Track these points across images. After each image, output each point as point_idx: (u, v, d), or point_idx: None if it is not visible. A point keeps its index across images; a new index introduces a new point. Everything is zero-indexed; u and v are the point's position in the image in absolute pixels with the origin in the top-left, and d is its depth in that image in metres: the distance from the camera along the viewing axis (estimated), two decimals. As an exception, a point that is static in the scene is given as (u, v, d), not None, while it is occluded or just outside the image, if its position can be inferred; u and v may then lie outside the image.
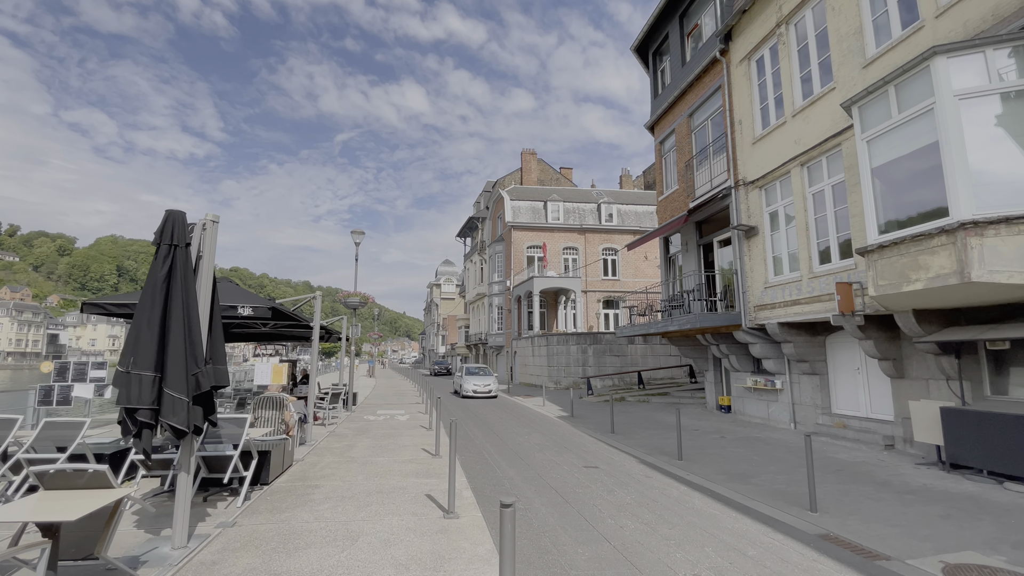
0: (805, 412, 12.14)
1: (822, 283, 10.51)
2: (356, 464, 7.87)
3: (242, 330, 12.01)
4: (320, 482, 6.77)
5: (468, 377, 21.88)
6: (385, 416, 14.03)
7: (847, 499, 6.83)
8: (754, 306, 12.58)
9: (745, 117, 13.12)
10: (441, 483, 6.78)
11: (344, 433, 10.96)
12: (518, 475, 7.87)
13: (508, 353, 34.78)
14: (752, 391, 13.98)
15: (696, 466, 8.74)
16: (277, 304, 7.95)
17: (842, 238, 10.27)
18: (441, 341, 69.16)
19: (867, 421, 10.66)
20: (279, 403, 7.47)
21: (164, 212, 4.64)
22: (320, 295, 9.74)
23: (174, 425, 4.25)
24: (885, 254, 7.98)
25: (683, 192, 15.90)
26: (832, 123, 10.36)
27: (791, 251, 11.64)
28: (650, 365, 24.53)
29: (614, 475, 8.07)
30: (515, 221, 34.66)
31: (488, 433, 12.26)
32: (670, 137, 17.08)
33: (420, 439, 10.31)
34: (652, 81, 18.55)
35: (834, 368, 11.71)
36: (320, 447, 9.28)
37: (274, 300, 8.94)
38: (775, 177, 12.03)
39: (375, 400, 19.76)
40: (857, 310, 9.49)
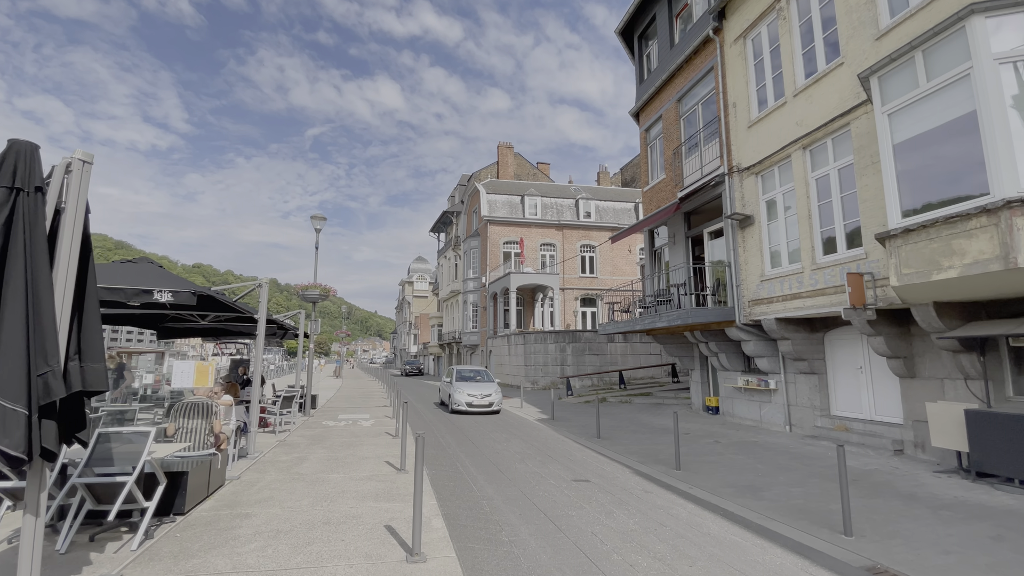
0: (802, 414, 11.35)
1: (827, 275, 9.69)
2: (303, 483, 6.53)
3: (179, 324, 10.45)
4: (253, 509, 5.43)
5: (460, 385, 16.01)
6: (347, 421, 12.63)
7: (878, 517, 5.92)
8: (749, 301, 11.74)
9: (740, 100, 12.28)
10: (406, 508, 5.54)
11: (296, 442, 9.55)
12: (498, 494, 6.69)
13: (483, 352, 33.54)
14: (742, 391, 13.18)
15: (697, 477, 7.74)
16: (207, 291, 6.54)
17: (850, 226, 9.47)
18: (413, 340, 67.31)
19: (872, 424, 9.91)
20: (206, 410, 6.08)
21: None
22: (266, 283, 8.34)
23: (3, 450, 2.89)
24: (911, 239, 7.13)
25: (671, 181, 15.02)
26: (840, 101, 9.55)
27: (791, 241, 10.82)
28: (630, 364, 23.72)
29: (609, 490, 6.98)
30: (491, 215, 33.45)
31: (462, 439, 11.04)
32: (656, 124, 16.19)
33: (384, 449, 9.01)
34: (637, 67, 17.65)
35: (834, 367, 10.95)
36: (264, 460, 7.88)
37: (209, 288, 7.51)
38: (773, 163, 11.20)
39: (338, 403, 18.23)
40: (868, 303, 8.67)
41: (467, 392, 15.28)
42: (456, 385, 15.95)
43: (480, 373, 17.39)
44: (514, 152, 41.92)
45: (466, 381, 16.41)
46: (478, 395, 15.26)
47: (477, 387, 15.71)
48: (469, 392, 15.29)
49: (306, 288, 13.03)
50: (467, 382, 16.28)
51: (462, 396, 15.25)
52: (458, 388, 15.61)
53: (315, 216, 13.65)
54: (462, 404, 15.23)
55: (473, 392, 15.32)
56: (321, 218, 13.73)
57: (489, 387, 15.84)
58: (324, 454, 8.45)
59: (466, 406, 15.17)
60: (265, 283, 8.35)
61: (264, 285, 8.34)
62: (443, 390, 17.52)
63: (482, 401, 15.30)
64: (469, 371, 17.48)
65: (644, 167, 16.86)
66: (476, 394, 15.26)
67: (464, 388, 15.51)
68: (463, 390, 15.41)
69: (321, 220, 13.76)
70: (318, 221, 13.71)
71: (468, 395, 15.23)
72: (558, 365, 23.85)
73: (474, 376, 17.10)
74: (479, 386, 15.81)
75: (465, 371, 17.41)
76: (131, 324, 9.46)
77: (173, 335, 10.54)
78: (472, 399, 15.22)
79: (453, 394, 15.51)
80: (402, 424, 7.95)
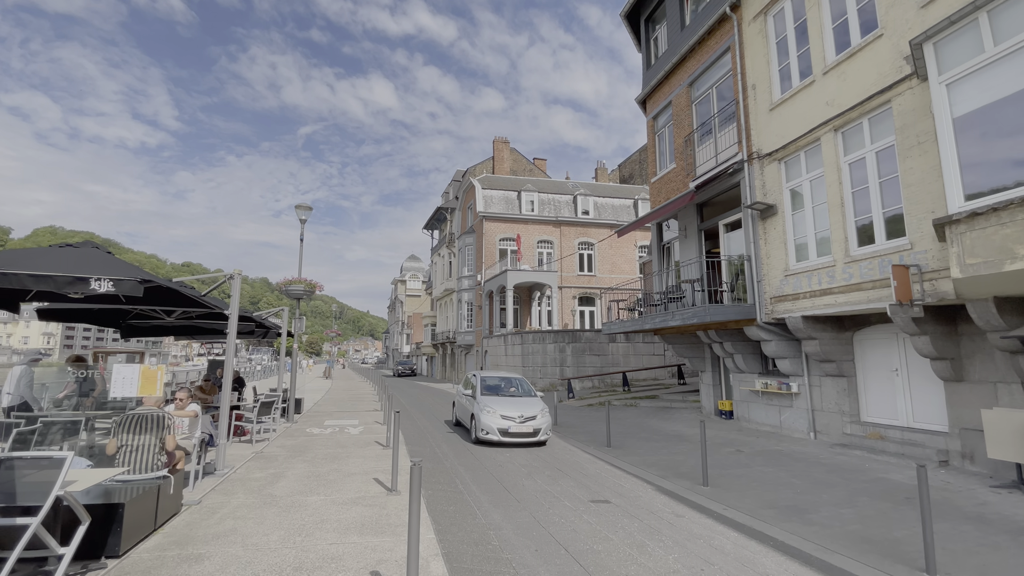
0: (828, 420, 10.47)
1: (863, 268, 8.81)
2: (276, 509, 5.51)
3: (143, 321, 9.36)
4: (208, 548, 4.41)
5: (489, 401, 11.09)
6: (333, 428, 11.58)
7: (954, 547, 5.01)
8: (771, 297, 10.84)
9: (760, 81, 11.38)
10: (398, 545, 4.54)
11: (274, 455, 8.50)
12: (507, 520, 5.72)
13: (478, 352, 32.53)
14: (760, 395, 12.29)
15: (729, 495, 6.81)
16: (159, 280, 5.50)
17: (890, 213, 8.59)
18: (406, 340, 66.13)
19: (910, 432, 9.03)
20: (157, 423, 5.04)
21: None
22: (239, 275, 7.29)
23: None
24: (978, 225, 6.24)
25: (681, 171, 14.11)
26: (878, 76, 8.67)
27: (819, 232, 9.94)
28: (632, 365, 22.83)
29: (634, 514, 6.03)
30: (487, 211, 32.45)
31: (460, 451, 10.05)
32: (665, 111, 15.28)
33: (373, 463, 7.99)
34: (644, 52, 16.74)
35: (864, 369, 10.08)
36: (234, 478, 6.84)
37: (174, 280, 6.47)
38: (799, 147, 10.31)
39: (326, 406, 17.15)
40: (915, 299, 7.79)
41: (499, 413, 10.50)
42: (482, 401, 11.05)
43: (514, 382, 12.60)
44: (510, 147, 40.93)
45: (496, 395, 11.63)
46: (515, 417, 10.42)
47: (513, 405, 10.90)
48: (504, 413, 10.50)
49: (289, 283, 11.97)
50: (498, 396, 11.51)
51: (492, 419, 10.43)
52: (486, 406, 10.78)
53: (300, 206, 12.58)
54: (492, 431, 10.32)
55: (509, 412, 10.50)
56: (306, 208, 12.67)
57: (532, 405, 11.01)
58: (304, 469, 7.42)
59: (499, 434, 10.27)
60: (237, 275, 7.30)
61: (236, 277, 7.29)
62: (461, 406, 12.75)
63: (523, 427, 10.32)
64: (498, 379, 12.60)
65: (652, 157, 15.95)
66: (513, 415, 10.44)
67: (494, 406, 10.73)
68: (493, 409, 10.62)
69: (306, 210, 12.69)
70: (303, 211, 12.64)
71: (502, 417, 10.41)
72: (557, 366, 22.91)
73: (506, 386, 12.25)
74: (516, 403, 11.01)
75: (492, 379, 12.50)
76: (86, 321, 8.37)
77: (137, 333, 9.46)
78: (507, 423, 10.34)
79: (479, 415, 10.66)
80: (394, 434, 6.95)
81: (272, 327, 11.50)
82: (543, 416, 10.77)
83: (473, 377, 12.67)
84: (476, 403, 11.18)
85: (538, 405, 11.12)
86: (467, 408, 11.94)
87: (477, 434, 10.70)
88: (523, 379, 12.99)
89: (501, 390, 12.11)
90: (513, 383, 12.61)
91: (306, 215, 12.67)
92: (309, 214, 12.72)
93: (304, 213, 12.65)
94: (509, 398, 11.47)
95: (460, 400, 12.92)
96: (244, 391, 12.09)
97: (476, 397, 11.44)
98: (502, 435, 10.30)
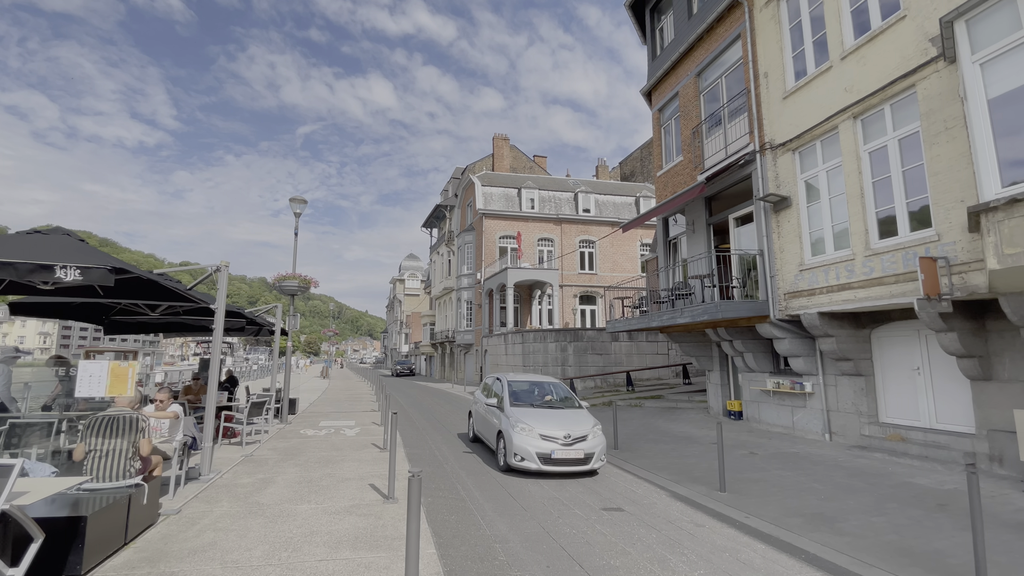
0: (845, 421, 10.05)
1: (885, 261, 8.38)
2: (262, 519, 5.06)
3: (128, 317, 8.90)
4: (183, 566, 3.95)
5: (522, 414, 8.39)
6: (329, 430, 11.12)
7: (1000, 558, 4.60)
8: (785, 293, 10.42)
9: (773, 68, 10.95)
10: (394, 563, 4.09)
11: (264, 458, 8.04)
12: (514, 531, 5.27)
13: (478, 352, 32.09)
14: (771, 395, 11.86)
15: (749, 502, 6.38)
16: (135, 270, 5.05)
17: (915, 204, 8.16)
18: (404, 340, 65.63)
19: (933, 433, 8.61)
20: (130, 426, 4.59)
21: None
22: (226, 267, 6.84)
23: None
24: (1018, 211, 5.81)
25: (689, 164, 13.68)
26: (901, 60, 8.25)
27: (837, 225, 9.51)
28: (636, 365, 22.39)
29: (651, 524, 5.59)
30: (487, 208, 31.99)
31: (460, 453, 9.60)
32: (672, 102, 14.85)
33: (369, 467, 7.54)
34: (649, 42, 16.30)
35: (883, 368, 9.66)
36: (219, 484, 6.38)
37: (155, 272, 6.01)
38: (815, 136, 9.89)
39: (322, 407, 16.68)
40: (944, 293, 7.36)
41: (539, 431, 7.77)
42: (513, 415, 8.25)
43: (550, 388, 9.78)
44: (510, 144, 40.48)
45: (529, 406, 8.80)
46: (560, 437, 7.70)
47: (555, 420, 8.14)
48: (544, 431, 7.77)
49: (283, 279, 11.49)
50: (532, 408, 8.68)
51: (529, 440, 7.71)
52: (519, 422, 8.01)
53: (294, 199, 12.10)
54: (529, 457, 7.60)
55: (551, 431, 7.77)
56: (301, 201, 12.20)
57: (579, 420, 8.27)
58: (295, 474, 6.96)
59: (539, 461, 7.57)
60: (224, 267, 6.84)
61: (223, 270, 6.84)
62: (481, 418, 9.92)
63: (570, 450, 7.63)
64: (530, 384, 9.76)
65: (657, 150, 15.52)
66: (556, 435, 7.72)
67: (531, 422, 7.97)
68: (529, 426, 7.87)
69: (301, 203, 12.22)
70: (297, 204, 12.17)
71: (542, 438, 7.71)
72: (559, 365, 22.46)
73: (541, 394, 9.42)
74: (558, 418, 8.25)
75: (522, 385, 9.65)
76: (66, 317, 7.91)
77: (121, 329, 8.99)
78: (549, 445, 7.63)
79: (511, 435, 7.90)
80: (391, 437, 6.50)
81: (265, 324, 11.03)
82: (596, 435, 7.96)
83: (497, 382, 9.97)
84: (504, 417, 8.38)
85: (587, 420, 8.32)
86: (491, 422, 9.07)
87: (508, 460, 7.82)
88: (561, 384, 10.14)
89: (535, 399, 9.23)
90: (549, 389, 9.71)
91: (300, 208, 12.19)
92: (304, 208, 12.24)
93: (298, 207, 12.17)
94: (547, 410, 8.68)
95: (480, 411, 10.07)
96: (236, 391, 11.63)
97: (504, 409, 8.62)
98: (543, 462, 7.55)
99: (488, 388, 10.32)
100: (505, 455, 8.04)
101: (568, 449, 7.70)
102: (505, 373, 10.23)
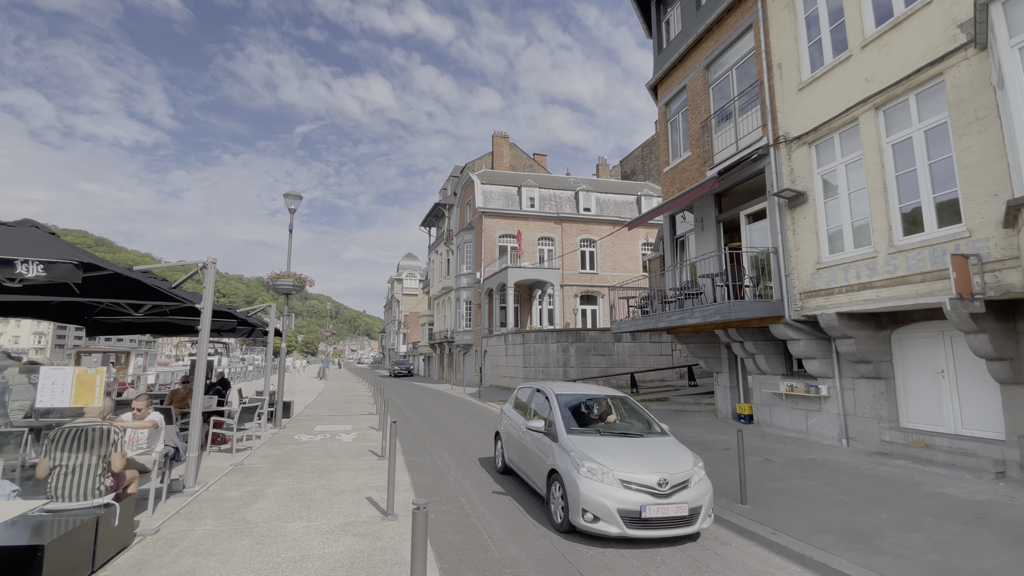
0: (863, 426, 9.64)
1: (910, 259, 7.97)
2: (249, 540, 4.60)
3: (110, 317, 8.42)
4: (158, 597, 3.50)
5: (589, 444, 5.66)
6: (324, 434, 10.65)
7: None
8: (801, 293, 10.00)
9: (787, 59, 10.54)
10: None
11: (255, 467, 7.57)
12: (524, 552, 4.82)
13: (477, 352, 31.65)
14: (784, 398, 11.45)
15: (774, 516, 5.95)
16: (109, 265, 4.59)
17: (942, 199, 7.75)
18: (402, 340, 65.11)
19: (959, 439, 8.20)
20: (100, 438, 4.13)
21: None
22: (213, 264, 6.38)
23: None
24: (1067, 204, 5.40)
25: (697, 159, 13.26)
26: (928, 47, 7.83)
27: (856, 221, 9.10)
28: (639, 366, 21.97)
29: (671, 541, 5.15)
30: (487, 207, 31.54)
31: (462, 458, 9.15)
32: (679, 96, 14.42)
33: (367, 477, 7.09)
34: (655, 35, 15.89)
35: (904, 371, 9.25)
36: (204, 497, 5.92)
37: (134, 268, 5.56)
38: (832, 129, 9.47)
39: (318, 409, 16.21)
40: (976, 292, 6.95)
41: (617, 473, 5.19)
42: (574, 448, 5.66)
43: (612, 403, 7.06)
44: (509, 143, 40.03)
45: (595, 433, 6.12)
46: (651, 484, 5.13)
47: (638, 455, 5.60)
48: (625, 474, 5.19)
49: (277, 277, 11.03)
50: (600, 437, 5.99)
51: (605, 489, 5.10)
52: (585, 459, 5.40)
53: (288, 194, 11.64)
54: (609, 516, 4.97)
55: (637, 475, 5.19)
56: (296, 196, 11.73)
57: (670, 454, 5.72)
58: (287, 486, 6.50)
59: (623, 524, 4.96)
60: (211, 264, 6.38)
61: (210, 266, 6.38)
62: (516, 445, 7.24)
63: (668, 505, 5.05)
64: (587, 398, 7.09)
65: (664, 145, 15.10)
66: (646, 480, 5.15)
67: (603, 459, 5.38)
68: (602, 466, 5.28)
69: (296, 199, 11.75)
70: (292, 199, 11.70)
71: (624, 484, 5.13)
72: (560, 367, 22.04)
73: (602, 412, 6.85)
74: (640, 451, 5.76)
75: (575, 399, 6.97)
76: (42, 316, 7.43)
77: (104, 330, 8.52)
78: (639, 498, 5.04)
79: (575, 479, 5.24)
80: (391, 446, 6.04)
81: (258, 325, 10.57)
82: (699, 479, 5.37)
83: (538, 397, 7.13)
84: (560, 450, 5.72)
85: (681, 455, 5.64)
86: (534, 454, 6.38)
87: (572, 518, 5.15)
88: (627, 398, 7.17)
89: (600, 423, 6.51)
90: (612, 406, 6.90)
91: (295, 204, 11.72)
92: (299, 203, 11.77)
93: (293, 202, 11.70)
94: (620, 439, 5.94)
95: (514, 435, 7.28)
96: (229, 394, 11.15)
97: (558, 438, 5.94)
98: (629, 524, 4.92)
99: (524, 405, 7.49)
100: (566, 510, 5.23)
101: (665, 503, 4.97)
102: (545, 383, 7.53)
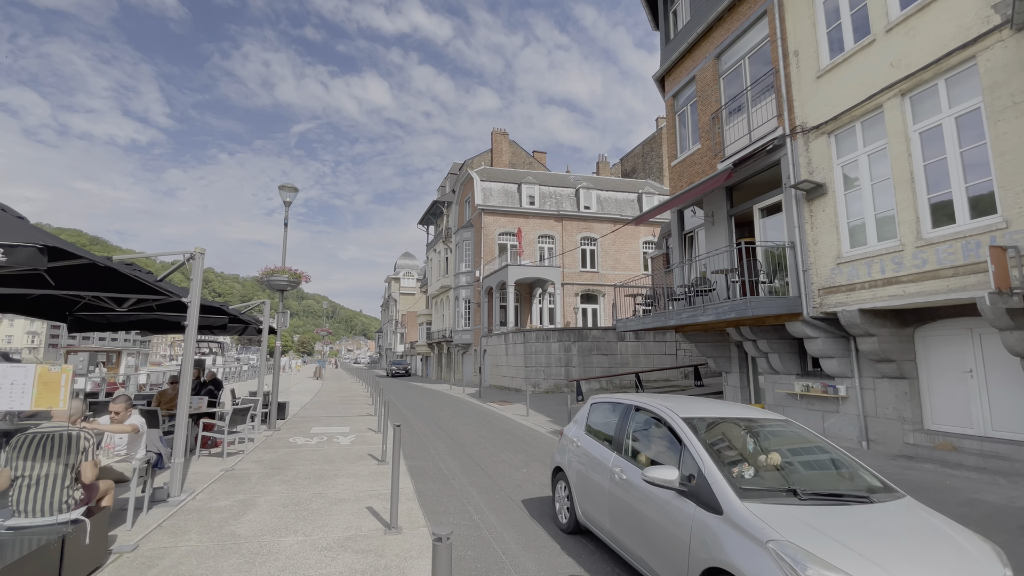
0: (885, 427, 9.23)
1: (941, 252, 7.56)
2: (237, 558, 4.14)
3: (92, 313, 7.92)
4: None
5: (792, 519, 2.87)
6: (321, 437, 10.17)
7: None
8: (820, 289, 9.59)
9: (804, 46, 10.13)
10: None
11: (247, 473, 7.10)
12: (539, 566, 4.38)
13: (476, 352, 31.18)
14: (799, 399, 11.04)
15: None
16: (83, 252, 4.12)
17: (975, 189, 7.35)
18: (400, 339, 64.56)
19: (990, 442, 7.80)
20: (68, 445, 3.66)
21: None
22: (201, 254, 5.90)
23: None
24: None
25: (707, 151, 12.84)
26: (958, 30, 7.43)
27: (880, 213, 8.69)
28: (643, 365, 21.55)
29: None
30: (486, 204, 31.07)
31: (468, 465, 8.69)
32: (688, 87, 14.01)
33: (367, 483, 6.62)
34: (662, 25, 15.46)
35: (928, 370, 8.85)
36: (191, 507, 5.44)
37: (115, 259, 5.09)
38: (854, 117, 9.07)
39: (314, 410, 15.72)
40: (1015, 287, 6.54)
41: None
42: (757, 525, 2.86)
43: (774, 432, 4.06)
44: (508, 140, 39.57)
45: (787, 496, 3.19)
46: None
47: (898, 544, 2.79)
48: None
49: (271, 273, 10.55)
50: (803, 507, 3.06)
51: None
52: (806, 559, 2.67)
53: (284, 186, 11.15)
54: None
55: None
56: (291, 188, 11.25)
57: (948, 540, 2.91)
58: (281, 494, 6.04)
59: None
60: (199, 255, 5.91)
61: (197, 257, 5.91)
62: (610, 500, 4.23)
63: None
64: (742, 431, 3.99)
65: (671, 138, 14.67)
66: None
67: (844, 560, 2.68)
68: None
69: (291, 191, 11.27)
70: (287, 192, 11.22)
71: None
72: (562, 366, 21.60)
73: (754, 450, 3.80)
74: (892, 532, 2.90)
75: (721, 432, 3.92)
76: (18, 311, 6.93)
77: (87, 327, 8.02)
78: None
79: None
80: (393, 453, 5.58)
81: (251, 322, 10.08)
82: None
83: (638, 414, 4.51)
84: (741, 535, 2.93)
85: (972, 546, 2.96)
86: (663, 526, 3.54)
87: None
88: (793, 422, 4.33)
89: (766, 469, 3.57)
90: (773, 438, 4.05)
91: (291, 197, 11.23)
92: (294, 196, 11.29)
93: (288, 195, 11.21)
94: (840, 509, 3.15)
95: (603, 481, 4.46)
96: (221, 394, 10.66)
97: (720, 503, 3.16)
98: None
99: (608, 432, 4.78)
100: None
101: None
102: (643, 397, 4.84)
